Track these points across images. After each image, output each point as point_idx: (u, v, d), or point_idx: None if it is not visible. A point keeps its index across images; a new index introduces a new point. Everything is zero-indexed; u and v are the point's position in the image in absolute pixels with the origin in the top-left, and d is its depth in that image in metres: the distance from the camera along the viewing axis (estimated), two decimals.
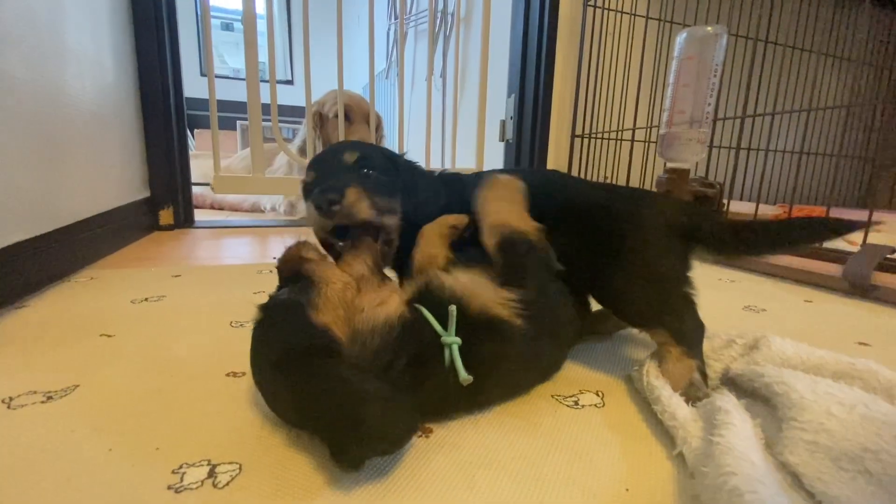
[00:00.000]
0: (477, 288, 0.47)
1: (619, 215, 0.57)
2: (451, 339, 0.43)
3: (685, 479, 0.39)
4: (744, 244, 0.53)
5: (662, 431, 0.45)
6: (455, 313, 0.44)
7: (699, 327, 0.53)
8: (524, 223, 0.53)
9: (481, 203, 0.56)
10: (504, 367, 0.47)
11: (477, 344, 0.44)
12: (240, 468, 0.38)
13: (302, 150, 2.00)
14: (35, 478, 0.37)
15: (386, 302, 0.46)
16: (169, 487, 0.36)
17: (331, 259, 0.52)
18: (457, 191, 0.62)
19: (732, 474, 0.32)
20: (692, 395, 0.48)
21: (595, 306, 0.64)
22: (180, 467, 0.38)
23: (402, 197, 0.58)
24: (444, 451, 0.41)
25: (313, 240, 0.55)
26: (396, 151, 0.67)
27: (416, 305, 0.46)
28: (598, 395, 0.53)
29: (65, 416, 0.45)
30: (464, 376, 0.41)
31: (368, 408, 0.35)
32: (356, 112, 2.01)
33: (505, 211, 0.54)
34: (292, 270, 0.49)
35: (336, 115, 1.92)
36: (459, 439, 0.43)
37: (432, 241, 0.54)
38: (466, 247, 0.56)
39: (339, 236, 0.55)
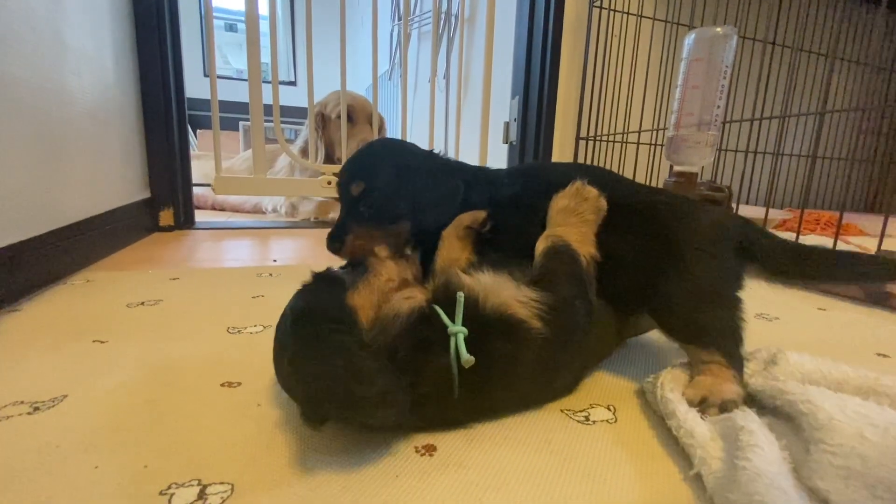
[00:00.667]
0: (497, 286, 0.47)
1: (673, 221, 0.54)
2: (457, 329, 0.42)
3: (704, 502, 0.36)
4: (803, 270, 0.51)
5: (678, 450, 0.43)
6: (462, 300, 0.44)
7: (742, 354, 0.51)
8: (583, 245, 0.52)
9: (556, 208, 0.54)
10: (514, 371, 0.45)
11: (488, 342, 0.43)
12: (231, 489, 0.36)
13: (304, 151, 1.98)
14: (14, 497, 0.34)
15: (413, 297, 0.47)
16: None
17: (398, 261, 0.54)
18: (482, 190, 0.61)
19: None
20: (726, 407, 0.45)
21: None
22: (169, 487, 0.36)
23: (412, 208, 0.60)
24: (449, 472, 0.39)
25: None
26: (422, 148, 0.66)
27: (433, 305, 0.45)
28: (609, 409, 0.50)
29: (51, 428, 0.43)
30: (465, 357, 0.40)
31: (359, 379, 0.36)
32: (359, 113, 1.99)
33: (573, 226, 0.53)
34: (360, 258, 0.54)
35: (338, 116, 1.90)
36: (465, 458, 0.41)
37: (452, 244, 0.55)
38: (490, 249, 0.56)
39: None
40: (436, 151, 0.66)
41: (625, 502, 0.36)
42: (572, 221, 0.53)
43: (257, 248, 1.37)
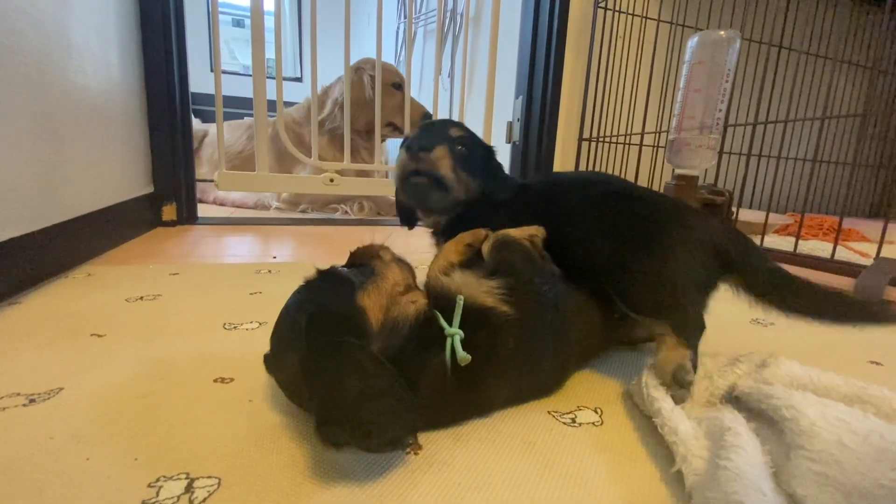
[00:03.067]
0: (465, 282, 0.51)
1: (667, 216, 0.59)
2: (454, 331, 0.44)
3: (681, 502, 0.37)
4: (783, 299, 0.55)
5: (661, 454, 0.43)
6: (462, 303, 0.46)
7: (700, 326, 0.55)
8: (522, 233, 0.59)
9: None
10: (498, 358, 0.47)
11: (471, 334, 0.45)
12: (219, 483, 0.37)
13: (322, 122, 1.96)
14: (7, 488, 0.35)
15: (417, 301, 0.49)
16: (143, 503, 0.34)
17: (401, 266, 0.55)
18: (524, 196, 0.69)
19: None
20: (680, 378, 0.49)
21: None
22: (157, 480, 0.36)
23: (482, 181, 0.69)
24: (433, 470, 0.39)
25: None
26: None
27: (434, 310, 0.48)
28: (596, 412, 0.51)
29: (45, 420, 0.44)
30: (462, 355, 0.42)
31: (371, 404, 0.36)
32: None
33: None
34: (363, 261, 0.54)
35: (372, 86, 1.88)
36: (449, 457, 0.41)
37: (449, 256, 0.58)
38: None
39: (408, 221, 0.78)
40: None
41: None
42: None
43: (258, 245, 1.38)
